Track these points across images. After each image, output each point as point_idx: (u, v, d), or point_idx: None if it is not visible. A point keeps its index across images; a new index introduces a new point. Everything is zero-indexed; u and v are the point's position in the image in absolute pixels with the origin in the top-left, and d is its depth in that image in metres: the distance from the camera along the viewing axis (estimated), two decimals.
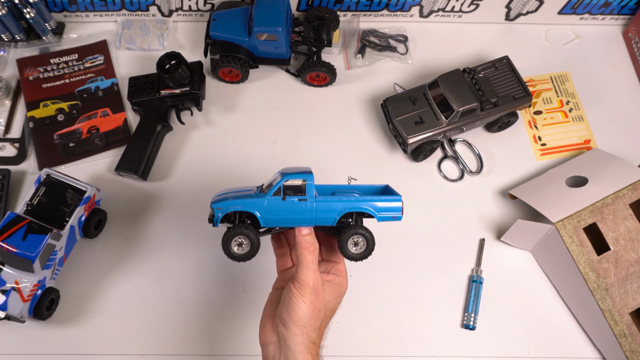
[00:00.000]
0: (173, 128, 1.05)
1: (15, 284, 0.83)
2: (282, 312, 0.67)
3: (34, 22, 1.06)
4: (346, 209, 0.71)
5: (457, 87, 1.00)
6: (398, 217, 0.72)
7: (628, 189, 0.91)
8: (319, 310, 0.67)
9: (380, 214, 0.72)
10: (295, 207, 0.70)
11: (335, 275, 0.73)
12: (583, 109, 1.13)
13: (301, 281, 0.66)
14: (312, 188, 0.70)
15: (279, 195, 0.70)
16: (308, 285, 0.66)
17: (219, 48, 1.05)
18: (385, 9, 1.16)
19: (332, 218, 0.71)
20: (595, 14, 1.19)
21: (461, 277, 0.97)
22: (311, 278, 0.66)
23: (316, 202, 0.70)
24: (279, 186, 0.70)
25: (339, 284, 0.72)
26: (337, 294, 0.71)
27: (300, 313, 0.65)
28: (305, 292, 0.66)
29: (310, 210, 0.70)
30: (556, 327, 0.94)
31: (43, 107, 1.05)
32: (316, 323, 0.66)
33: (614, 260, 0.88)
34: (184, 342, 0.90)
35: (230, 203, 0.70)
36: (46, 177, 0.90)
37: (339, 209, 0.70)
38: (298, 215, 0.70)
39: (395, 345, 0.92)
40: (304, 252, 0.68)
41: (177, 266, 0.95)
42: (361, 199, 0.71)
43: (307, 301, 0.65)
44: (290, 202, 0.70)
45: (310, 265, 0.67)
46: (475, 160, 1.07)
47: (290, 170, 0.73)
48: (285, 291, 0.68)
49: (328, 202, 0.70)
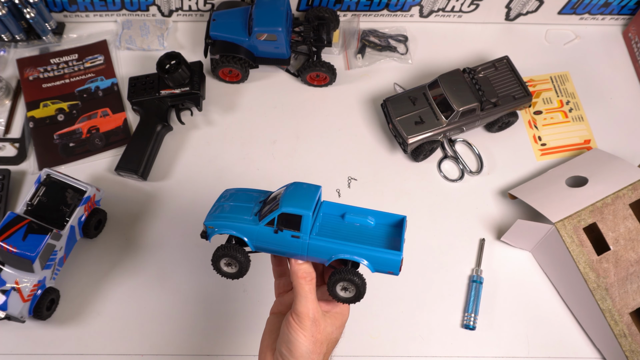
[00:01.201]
0: (173, 128, 1.05)
1: (15, 284, 0.83)
2: (281, 347, 0.62)
3: (34, 22, 1.06)
4: (338, 255, 0.65)
5: (457, 87, 1.00)
6: (395, 272, 0.66)
7: (628, 189, 0.91)
8: (320, 344, 0.62)
9: (376, 266, 0.66)
10: (287, 241, 0.65)
11: (335, 303, 0.68)
12: (583, 109, 1.13)
13: (300, 313, 0.62)
14: (309, 225, 0.65)
15: (272, 226, 0.65)
16: (308, 317, 0.62)
17: (219, 48, 1.05)
18: (385, 9, 1.16)
19: (324, 259, 0.66)
20: (595, 14, 1.19)
21: (461, 277, 0.97)
22: (310, 309, 0.62)
23: (309, 242, 0.65)
24: (273, 217, 0.65)
25: (340, 313, 0.67)
26: (339, 324, 0.67)
27: (301, 348, 0.61)
28: (305, 324, 0.61)
29: (302, 247, 0.65)
30: (556, 327, 0.94)
31: (43, 107, 1.05)
32: (318, 357, 0.62)
33: (614, 260, 0.88)
34: (184, 342, 0.90)
35: (223, 225, 0.67)
36: (46, 177, 0.90)
37: (331, 253, 0.65)
38: (289, 250, 0.66)
39: (395, 345, 0.92)
40: (300, 282, 0.63)
41: (177, 266, 0.95)
42: (358, 247, 0.65)
43: (307, 335, 0.61)
44: (282, 236, 0.65)
45: (308, 295, 0.62)
46: (475, 160, 1.07)
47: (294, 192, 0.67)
48: (283, 325, 0.63)
49: (321, 243, 0.65)
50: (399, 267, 0.65)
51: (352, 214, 0.70)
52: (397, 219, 0.71)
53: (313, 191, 0.68)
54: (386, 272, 0.66)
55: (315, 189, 0.68)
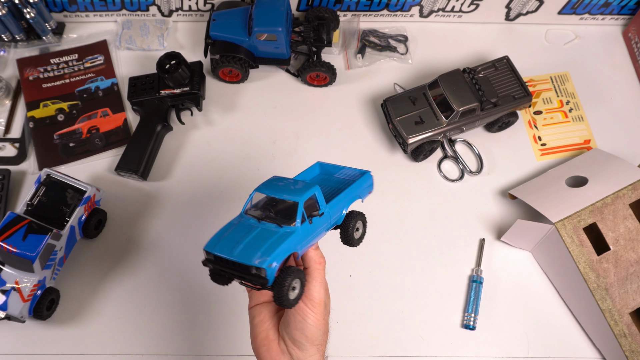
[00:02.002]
0: (173, 128, 1.05)
1: (15, 284, 0.83)
2: (294, 334, 0.62)
3: (34, 22, 1.06)
4: (348, 202, 0.70)
5: (457, 87, 1.00)
6: (371, 188, 0.75)
7: (628, 189, 0.91)
8: (327, 324, 0.65)
9: (364, 196, 0.74)
10: (317, 224, 0.65)
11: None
12: (583, 109, 1.13)
13: (314, 298, 0.62)
14: (323, 198, 0.66)
15: (304, 221, 0.63)
16: (322, 302, 0.63)
17: (219, 48, 1.05)
18: (385, 9, 1.16)
19: (340, 216, 0.69)
20: (595, 14, 1.19)
21: (461, 277, 0.97)
22: (324, 295, 0.64)
23: (328, 210, 0.67)
24: (302, 211, 0.63)
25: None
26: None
27: (316, 332, 0.62)
28: (319, 309, 0.62)
29: (326, 220, 0.67)
30: (556, 327, 0.94)
31: (43, 107, 1.05)
32: (327, 337, 0.65)
33: (614, 260, 0.88)
34: (184, 342, 0.90)
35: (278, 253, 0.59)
36: (46, 177, 0.90)
37: (343, 205, 0.70)
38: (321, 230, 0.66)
39: (395, 345, 0.92)
40: (318, 267, 0.64)
41: (177, 266, 0.95)
42: (351, 188, 0.71)
43: (320, 318, 0.62)
44: (315, 223, 0.65)
45: (323, 281, 0.64)
46: (475, 160, 1.07)
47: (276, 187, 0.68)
48: (297, 312, 0.62)
49: (336, 204, 0.68)
50: (372, 182, 0.76)
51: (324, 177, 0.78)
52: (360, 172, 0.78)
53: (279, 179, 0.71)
54: (368, 193, 0.75)
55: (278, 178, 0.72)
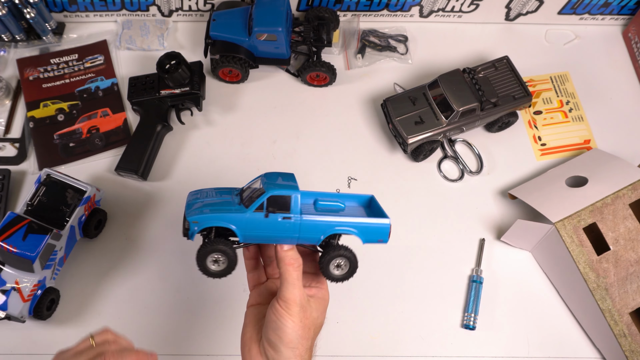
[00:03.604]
0: (173, 128, 1.05)
1: (15, 284, 0.83)
2: (269, 335, 0.62)
3: (34, 22, 1.06)
4: (332, 230, 0.65)
5: (457, 87, 1.00)
6: (384, 240, 0.67)
7: (628, 189, 0.91)
8: (308, 329, 0.63)
9: (367, 237, 0.66)
10: (278, 225, 0.64)
11: (317, 288, 0.68)
12: (583, 109, 1.13)
13: (288, 299, 0.61)
14: (298, 204, 0.64)
15: (261, 211, 0.64)
16: (296, 303, 0.61)
17: (219, 48, 1.05)
18: (385, 9, 1.16)
19: (317, 238, 0.65)
20: (595, 14, 1.19)
21: (461, 277, 0.97)
22: (298, 295, 0.62)
23: (301, 221, 0.64)
24: (262, 202, 0.64)
25: (322, 297, 0.68)
26: (322, 309, 0.67)
27: (290, 334, 0.61)
28: (293, 310, 0.61)
29: (293, 229, 0.64)
30: (556, 327, 0.94)
31: (43, 107, 1.05)
32: (307, 342, 0.63)
33: (614, 260, 0.88)
34: (184, 342, 0.90)
35: (208, 217, 0.64)
36: (46, 177, 0.90)
37: (324, 229, 0.65)
38: (281, 233, 0.64)
39: (395, 345, 0.92)
40: (288, 268, 0.63)
41: (177, 266, 0.95)
42: (349, 220, 0.66)
43: (296, 320, 0.61)
44: (272, 220, 0.64)
45: (296, 282, 0.62)
46: (475, 160, 1.07)
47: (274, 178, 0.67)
48: (270, 312, 0.63)
49: (314, 221, 0.65)
50: (389, 233, 0.66)
51: (323, 200, 0.71)
52: (365, 199, 0.73)
53: (289, 176, 0.68)
54: (376, 241, 0.67)
55: (290, 175, 0.69)
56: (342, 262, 0.66)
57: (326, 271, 0.66)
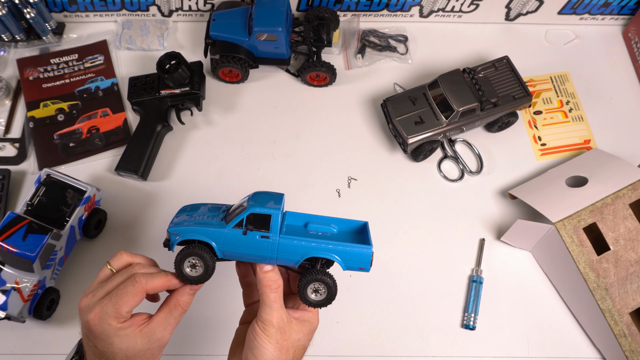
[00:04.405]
0: (173, 128, 1.05)
1: (15, 284, 0.83)
2: (247, 354, 0.62)
3: (34, 22, 1.06)
4: (309, 253, 0.64)
5: (457, 87, 1.00)
6: (366, 268, 0.65)
7: (628, 189, 0.91)
8: (286, 350, 0.62)
9: (347, 263, 0.65)
10: (255, 243, 0.64)
11: (304, 310, 0.67)
12: (583, 109, 1.13)
13: (265, 321, 0.62)
14: (278, 224, 0.64)
15: (240, 228, 0.64)
16: (272, 325, 0.62)
17: (219, 48, 1.05)
18: (385, 9, 1.16)
19: (295, 260, 0.65)
20: (595, 14, 1.19)
21: (461, 277, 0.97)
22: (275, 317, 0.62)
23: (279, 241, 0.64)
24: (242, 218, 0.64)
25: (308, 320, 0.66)
26: (307, 331, 0.66)
27: (266, 355, 0.61)
28: (270, 331, 0.61)
29: (272, 249, 0.64)
30: (556, 327, 0.94)
31: (43, 107, 1.05)
32: None
33: (614, 260, 0.88)
34: (184, 342, 0.90)
35: (187, 230, 0.65)
36: (46, 177, 0.90)
37: (302, 251, 0.64)
38: (258, 252, 0.64)
39: (395, 345, 0.92)
40: (266, 290, 0.63)
41: None
42: (329, 244, 0.65)
43: (272, 341, 0.61)
44: (251, 238, 0.64)
45: (273, 304, 0.62)
46: (475, 160, 1.07)
47: (260, 197, 0.67)
48: (249, 331, 0.63)
49: (292, 242, 0.64)
50: (370, 261, 0.65)
51: (315, 223, 0.70)
52: (359, 225, 0.71)
53: (278, 196, 0.68)
54: (357, 268, 0.66)
55: (279, 195, 0.68)
56: (320, 287, 0.65)
57: (303, 294, 0.65)
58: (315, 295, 0.66)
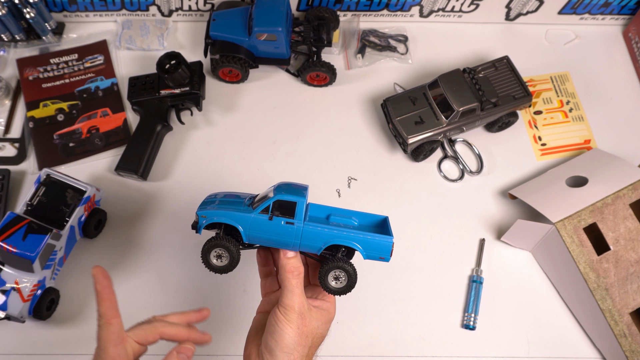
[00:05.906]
0: (173, 128, 1.05)
1: (15, 284, 0.83)
2: (267, 339, 0.64)
3: (34, 22, 1.06)
4: (332, 240, 0.67)
5: (457, 87, 1.00)
6: (386, 258, 0.68)
7: (628, 189, 0.91)
8: (306, 336, 0.64)
9: (368, 252, 0.68)
10: (280, 229, 0.66)
11: (322, 300, 0.70)
12: (583, 109, 1.13)
13: (286, 306, 0.64)
14: (302, 212, 0.66)
15: (266, 213, 0.66)
16: (294, 310, 0.64)
17: (219, 48, 1.05)
18: (385, 9, 1.16)
19: (317, 247, 0.67)
20: (595, 14, 1.19)
21: (461, 277, 0.97)
22: (297, 302, 0.64)
23: (303, 228, 0.66)
24: (268, 204, 0.66)
25: (326, 310, 0.69)
26: (325, 320, 0.68)
27: (286, 339, 0.63)
28: (291, 317, 0.63)
29: (295, 235, 0.66)
30: (556, 327, 0.94)
31: (43, 107, 1.05)
32: (304, 350, 0.64)
33: (614, 260, 0.88)
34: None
35: (216, 213, 0.67)
36: (46, 177, 0.90)
37: (325, 239, 0.67)
38: (282, 238, 0.66)
39: (395, 345, 0.92)
40: (288, 275, 0.65)
41: (177, 266, 0.95)
42: (351, 233, 0.67)
43: (293, 326, 0.63)
44: (276, 223, 0.66)
45: (295, 289, 0.64)
46: (475, 160, 1.07)
47: (286, 186, 0.69)
48: (270, 316, 0.65)
49: (315, 229, 0.66)
50: (391, 251, 0.67)
51: (336, 215, 0.73)
52: (379, 219, 0.74)
53: (303, 187, 0.70)
54: (378, 258, 0.68)
55: (304, 186, 0.71)
56: (341, 274, 0.68)
57: (324, 281, 0.68)
58: (335, 282, 0.68)
